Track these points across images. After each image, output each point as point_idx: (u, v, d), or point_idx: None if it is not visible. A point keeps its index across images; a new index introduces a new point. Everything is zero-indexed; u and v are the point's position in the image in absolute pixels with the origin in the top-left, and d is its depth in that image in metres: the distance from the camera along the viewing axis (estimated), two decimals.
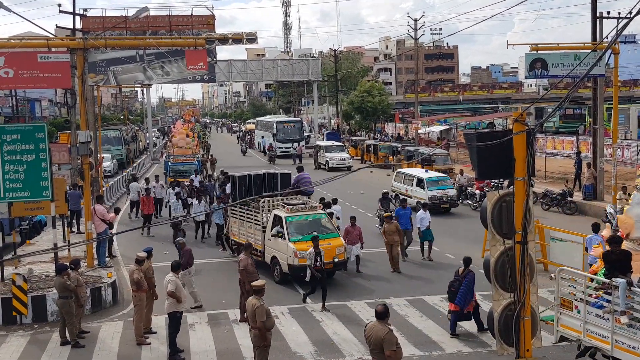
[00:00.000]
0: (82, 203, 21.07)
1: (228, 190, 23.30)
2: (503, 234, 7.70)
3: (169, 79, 52.93)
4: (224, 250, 21.07)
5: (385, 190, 24.02)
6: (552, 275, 13.77)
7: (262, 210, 18.58)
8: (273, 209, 18.27)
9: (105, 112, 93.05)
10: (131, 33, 41.16)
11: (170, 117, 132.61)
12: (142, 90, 74.71)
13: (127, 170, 41.24)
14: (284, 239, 17.08)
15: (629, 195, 22.74)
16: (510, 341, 7.58)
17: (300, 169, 21.81)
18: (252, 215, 18.90)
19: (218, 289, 17.04)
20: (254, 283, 11.57)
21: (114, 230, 21.09)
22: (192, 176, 30.00)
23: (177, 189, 26.20)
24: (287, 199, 18.96)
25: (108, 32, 32.37)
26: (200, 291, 16.13)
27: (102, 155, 32.48)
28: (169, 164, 33.57)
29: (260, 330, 11.00)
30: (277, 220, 17.60)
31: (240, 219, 19.53)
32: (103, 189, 27.92)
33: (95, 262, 18.50)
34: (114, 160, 44.42)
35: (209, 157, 44.25)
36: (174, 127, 51.37)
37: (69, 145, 24.86)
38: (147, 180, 31.35)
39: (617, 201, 22.54)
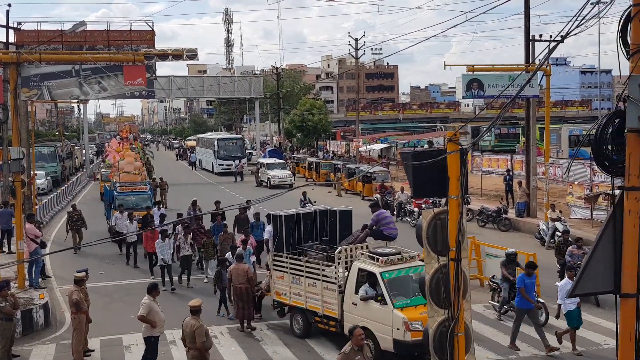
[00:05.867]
0: (14, 222, 20.42)
1: (266, 235, 18.54)
2: (438, 251, 7.82)
3: (106, 94, 52.25)
4: (256, 314, 15.77)
5: (511, 250, 15.99)
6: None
7: (339, 263, 13.84)
8: (352, 261, 13.64)
9: (40, 128, 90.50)
10: (67, 47, 40.37)
11: (108, 133, 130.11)
12: (78, 106, 72.94)
13: (62, 188, 40.23)
14: (384, 303, 12.51)
15: (560, 212, 23.62)
16: (445, 357, 7.68)
17: (375, 206, 16.83)
18: (315, 269, 14.05)
19: None
20: (190, 303, 11.37)
21: (47, 250, 20.56)
22: (155, 209, 25.39)
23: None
24: (367, 247, 14.34)
25: (43, 46, 31.67)
26: (129, 313, 15.85)
27: (36, 172, 30.99)
28: (115, 193, 26.34)
29: (200, 350, 10.87)
30: (365, 277, 13.04)
31: (291, 274, 14.55)
32: (36, 207, 27.09)
33: (27, 283, 17.91)
34: (48, 178, 43.03)
35: (155, 181, 36.62)
36: (108, 145, 46.67)
37: (0, 162, 24.08)
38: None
39: (549, 218, 23.30)
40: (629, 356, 5.64)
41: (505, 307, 15.20)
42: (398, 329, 12.04)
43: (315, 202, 20.12)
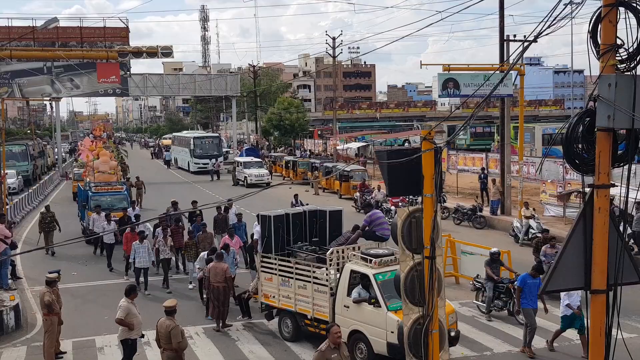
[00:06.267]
0: None
1: (256, 235, 17.61)
2: (412, 249, 7.88)
3: (79, 92, 51.74)
4: (244, 317, 15.63)
5: (495, 250, 15.88)
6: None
7: (331, 265, 13.35)
8: (344, 263, 13.20)
9: (11, 126, 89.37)
10: (39, 44, 39.89)
11: (81, 131, 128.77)
12: (50, 104, 72.04)
13: (34, 188, 39.68)
14: (378, 306, 12.14)
15: (533, 210, 23.88)
16: (420, 354, 7.74)
17: (368, 206, 16.93)
18: (306, 271, 13.67)
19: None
20: (165, 304, 11.26)
21: (18, 251, 20.27)
22: (129, 209, 24.66)
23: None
24: (359, 248, 13.94)
25: (14, 43, 31.23)
26: (102, 314, 15.80)
27: (6, 171, 30.33)
28: (90, 193, 25.57)
29: (175, 351, 10.81)
30: (358, 278, 12.70)
31: (280, 276, 14.17)
32: (7, 206, 26.68)
33: None
34: (19, 177, 42.38)
35: (130, 180, 35.76)
36: (80, 144, 45.58)
37: None
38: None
39: (522, 216, 23.58)
40: (599, 351, 5.74)
41: (490, 307, 15.22)
42: (392, 332, 11.54)
43: (307, 204, 19.86)
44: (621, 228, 6.00)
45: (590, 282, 5.68)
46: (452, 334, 11.84)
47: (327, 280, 13.21)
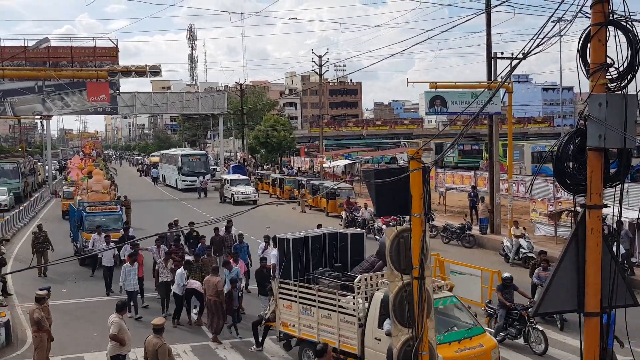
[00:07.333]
0: None
1: (272, 260, 16.50)
2: (401, 269, 7.76)
3: (69, 110, 51.65)
4: (257, 348, 14.61)
5: (507, 275, 15.22)
6: None
7: (359, 293, 12.10)
8: (373, 291, 11.99)
9: (2, 144, 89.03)
10: (31, 64, 39.86)
11: (71, 149, 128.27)
12: (41, 122, 71.93)
13: (25, 205, 39.51)
14: None
15: (523, 229, 23.81)
16: None
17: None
18: (330, 299, 12.55)
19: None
20: (153, 322, 11.26)
21: (8, 268, 20.10)
22: (125, 229, 23.72)
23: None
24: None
25: (6, 63, 31.16)
26: (91, 331, 15.65)
27: None
28: (84, 214, 24.67)
29: None
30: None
31: (301, 303, 13.14)
32: None
33: None
34: (11, 194, 42.52)
35: (120, 199, 33.72)
36: (70, 162, 44.63)
37: None
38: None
39: (512, 235, 23.48)
40: None
41: (501, 334, 14.34)
42: None
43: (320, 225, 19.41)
44: (614, 249, 5.92)
45: (583, 304, 5.59)
46: None
47: (354, 310, 12.07)
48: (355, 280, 12.37)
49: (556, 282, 5.66)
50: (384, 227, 27.76)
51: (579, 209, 5.76)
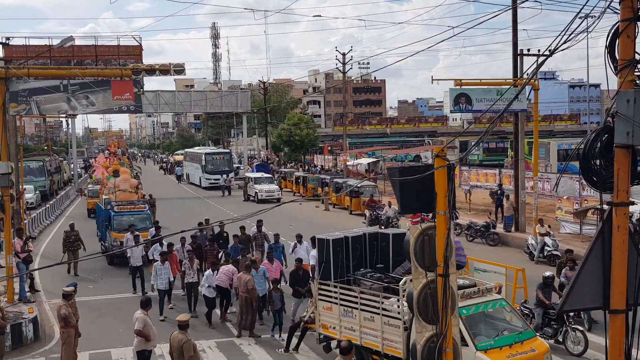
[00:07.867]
0: (2, 236, 20.32)
1: (312, 261, 16.38)
2: (425, 266, 7.78)
3: (94, 109, 52.21)
4: (286, 351, 14.36)
5: (549, 274, 15.17)
6: None
7: (404, 296, 11.39)
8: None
9: (29, 143, 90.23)
10: (55, 62, 40.35)
11: (96, 147, 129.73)
12: (66, 121, 72.78)
13: (51, 203, 40.05)
14: (464, 345, 10.07)
15: (548, 227, 23.61)
16: None
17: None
18: (373, 302, 12.15)
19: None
20: (178, 318, 11.42)
21: (36, 265, 20.45)
22: (152, 229, 23.56)
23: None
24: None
25: (31, 61, 31.56)
26: (118, 327, 15.90)
27: (24, 186, 30.41)
28: (112, 213, 24.47)
29: None
30: None
31: (342, 306, 12.81)
32: (25, 221, 26.81)
33: (16, 297, 17.86)
34: (37, 192, 43.14)
35: (152, 198, 33.83)
36: (95, 160, 44.52)
37: None
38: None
39: (537, 233, 23.30)
40: None
41: (537, 334, 13.51)
42: None
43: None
44: None
45: (608, 301, 5.57)
46: None
47: (399, 313, 11.62)
48: (400, 282, 11.93)
49: (582, 280, 5.64)
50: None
51: (605, 206, 5.73)
